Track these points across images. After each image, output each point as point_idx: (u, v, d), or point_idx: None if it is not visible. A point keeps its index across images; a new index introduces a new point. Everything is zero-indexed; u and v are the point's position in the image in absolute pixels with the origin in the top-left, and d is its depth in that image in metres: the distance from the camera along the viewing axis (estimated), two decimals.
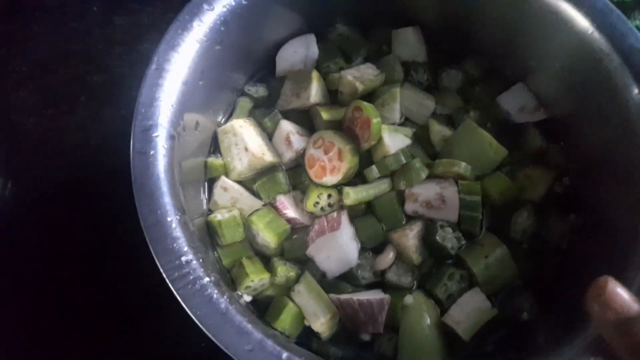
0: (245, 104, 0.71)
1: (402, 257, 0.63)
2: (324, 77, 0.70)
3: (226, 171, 0.66)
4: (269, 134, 0.69)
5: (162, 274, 0.46)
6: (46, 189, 0.79)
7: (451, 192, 0.63)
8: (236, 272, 0.61)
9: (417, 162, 0.64)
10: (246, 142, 0.65)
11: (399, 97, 0.67)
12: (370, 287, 0.63)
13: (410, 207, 0.64)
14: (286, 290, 0.62)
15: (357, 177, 0.66)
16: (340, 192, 0.64)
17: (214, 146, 0.68)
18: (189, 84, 0.57)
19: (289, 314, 0.59)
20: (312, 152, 0.65)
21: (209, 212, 0.65)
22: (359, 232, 0.63)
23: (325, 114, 0.66)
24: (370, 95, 0.69)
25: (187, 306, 0.45)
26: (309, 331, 0.60)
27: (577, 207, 0.65)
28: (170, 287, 0.48)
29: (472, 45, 0.73)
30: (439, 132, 0.68)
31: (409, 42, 0.73)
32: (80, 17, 0.91)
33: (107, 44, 0.90)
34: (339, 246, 0.61)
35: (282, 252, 0.64)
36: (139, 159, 0.51)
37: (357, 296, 0.59)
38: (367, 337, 0.61)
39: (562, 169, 0.67)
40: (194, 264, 0.47)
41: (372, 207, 0.65)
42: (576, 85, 0.64)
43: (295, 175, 0.67)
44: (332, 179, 0.64)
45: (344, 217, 0.63)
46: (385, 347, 0.60)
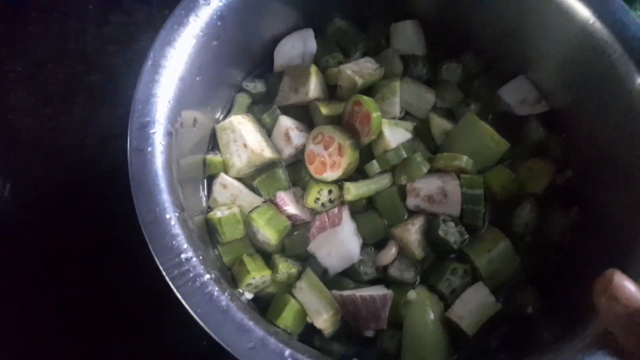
0: (243, 100, 0.70)
1: (404, 252, 0.63)
2: (323, 71, 0.69)
3: (225, 168, 0.66)
4: (267, 130, 0.68)
5: (162, 272, 0.45)
6: (45, 188, 0.79)
7: (453, 186, 0.62)
8: (237, 269, 0.60)
9: (418, 156, 0.63)
10: (245, 139, 0.64)
11: (398, 90, 0.67)
12: (372, 283, 0.62)
13: (412, 201, 0.63)
14: (287, 287, 0.61)
15: (358, 173, 0.65)
16: (340, 188, 0.63)
17: (212, 143, 0.67)
18: (186, 80, 0.57)
19: (290, 311, 0.59)
20: (311, 147, 0.65)
21: (209, 209, 0.64)
22: (361, 228, 0.63)
23: (324, 109, 0.66)
24: (369, 89, 0.68)
25: (187, 304, 0.45)
26: (311, 328, 0.60)
27: (579, 203, 0.64)
28: (170, 285, 0.48)
29: (471, 37, 0.72)
30: (440, 125, 0.67)
31: (407, 35, 0.72)
32: (76, 15, 0.90)
33: (104, 43, 0.89)
34: (341, 242, 0.61)
35: (282, 248, 0.64)
36: (136, 156, 0.50)
37: (359, 292, 0.58)
38: (370, 334, 0.60)
39: (563, 162, 0.67)
40: (194, 261, 0.47)
41: (373, 202, 0.64)
42: (577, 76, 0.63)
43: (295, 171, 0.66)
44: (332, 175, 0.63)
45: (345, 213, 0.62)
46: (388, 344, 0.60)
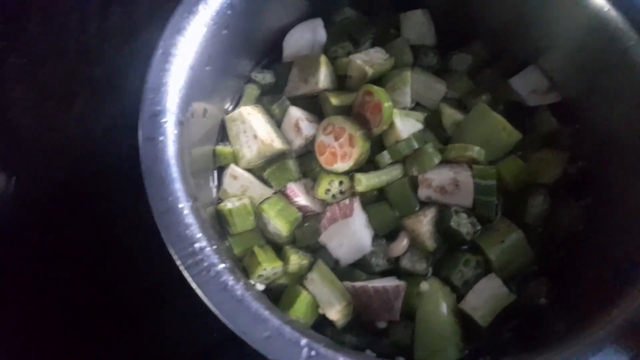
0: (252, 90, 0.69)
1: (416, 243, 0.62)
2: (332, 62, 0.68)
3: (235, 159, 0.65)
4: (277, 121, 0.67)
5: (176, 261, 0.45)
6: (46, 186, 0.78)
7: (465, 176, 0.62)
8: (248, 260, 0.60)
9: (430, 147, 0.62)
10: (255, 130, 0.63)
11: (409, 80, 0.66)
12: (384, 274, 0.61)
13: (423, 192, 0.63)
14: (299, 278, 0.61)
15: (368, 164, 0.64)
16: (351, 179, 0.63)
17: (222, 134, 0.67)
18: (196, 69, 0.56)
19: (303, 302, 0.58)
20: (322, 138, 0.64)
21: (219, 200, 0.64)
22: (372, 219, 0.62)
23: (334, 100, 0.65)
24: (379, 80, 0.68)
25: (202, 293, 0.44)
26: (323, 319, 0.59)
27: (591, 191, 0.64)
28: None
29: (481, 26, 0.71)
30: (451, 116, 0.66)
31: (418, 25, 0.72)
32: (76, 8, 0.89)
33: (105, 36, 0.88)
34: (352, 233, 0.60)
35: (293, 240, 0.63)
36: (148, 145, 0.49)
37: (372, 283, 0.58)
38: (383, 325, 0.60)
39: (575, 152, 0.66)
40: (208, 250, 0.46)
41: (384, 193, 0.64)
42: (590, 65, 0.62)
43: (305, 162, 0.66)
44: (343, 166, 0.62)
45: (357, 204, 0.62)
46: (400, 335, 0.59)
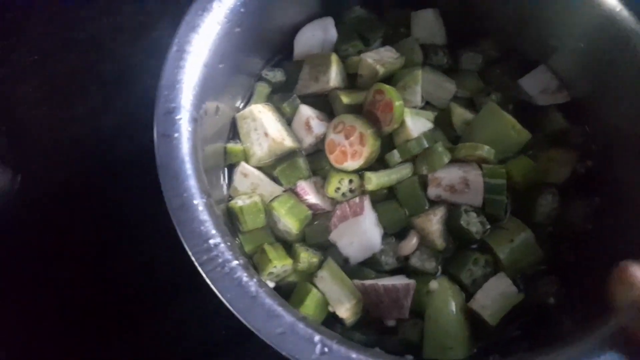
0: (263, 89, 0.70)
1: (425, 242, 0.62)
2: (343, 60, 0.69)
3: (246, 157, 0.65)
4: (287, 119, 0.68)
5: (191, 257, 0.45)
6: (54, 184, 0.78)
7: (475, 175, 0.62)
8: (258, 258, 0.60)
9: (440, 146, 0.63)
10: (266, 128, 0.63)
11: (420, 79, 0.66)
12: (393, 272, 0.62)
13: (433, 191, 0.63)
14: (309, 276, 0.61)
15: (378, 162, 0.65)
16: (361, 178, 0.63)
17: (232, 132, 0.67)
18: (210, 66, 0.56)
19: (312, 300, 0.58)
20: (332, 137, 0.64)
21: (229, 198, 0.64)
22: (381, 218, 0.62)
23: (345, 98, 0.65)
24: (389, 78, 0.68)
25: (217, 289, 0.44)
26: (332, 317, 0.59)
27: (601, 190, 0.64)
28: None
29: (491, 24, 0.72)
30: (461, 115, 0.67)
31: (428, 24, 0.72)
32: (87, 4, 0.89)
33: (116, 32, 0.88)
34: (362, 231, 0.60)
35: (303, 238, 0.63)
36: (162, 142, 0.49)
37: (382, 281, 0.58)
38: (392, 323, 0.60)
39: (584, 151, 0.66)
40: (222, 247, 0.46)
41: (394, 192, 0.64)
42: (600, 64, 0.63)
43: (315, 160, 0.66)
44: (353, 164, 0.63)
45: (367, 202, 0.62)
46: (410, 333, 0.59)
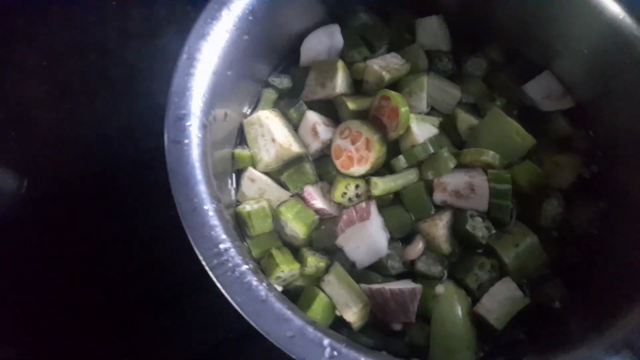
0: (269, 95, 0.71)
1: (431, 247, 0.63)
2: (349, 67, 0.69)
3: (253, 162, 0.66)
4: (294, 125, 0.68)
5: (202, 261, 0.46)
6: (62, 186, 0.78)
7: (480, 181, 0.63)
8: (266, 262, 0.61)
9: (445, 151, 0.63)
10: (273, 133, 0.64)
11: (426, 85, 0.67)
12: (399, 277, 0.62)
13: (439, 196, 0.64)
14: (316, 280, 0.62)
15: (384, 167, 0.65)
16: (367, 183, 0.64)
17: (240, 137, 0.68)
18: (219, 73, 0.57)
19: (320, 304, 0.59)
20: (338, 142, 0.65)
21: (237, 203, 0.65)
22: (387, 222, 0.63)
23: (351, 104, 0.66)
24: (394, 84, 0.69)
25: (227, 293, 0.45)
26: (339, 321, 0.60)
27: (606, 195, 0.65)
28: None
29: (495, 30, 0.72)
30: (466, 121, 0.67)
31: (433, 31, 0.73)
32: (97, 9, 0.90)
33: (124, 37, 0.89)
34: (369, 236, 0.61)
35: (310, 242, 0.64)
36: (173, 148, 0.50)
37: (388, 286, 0.59)
38: (398, 327, 0.61)
39: (589, 156, 0.67)
40: (232, 251, 0.47)
41: (400, 197, 0.65)
42: (604, 70, 0.63)
43: (321, 166, 0.67)
44: (359, 170, 0.63)
45: (373, 207, 0.63)
46: (416, 337, 0.60)
